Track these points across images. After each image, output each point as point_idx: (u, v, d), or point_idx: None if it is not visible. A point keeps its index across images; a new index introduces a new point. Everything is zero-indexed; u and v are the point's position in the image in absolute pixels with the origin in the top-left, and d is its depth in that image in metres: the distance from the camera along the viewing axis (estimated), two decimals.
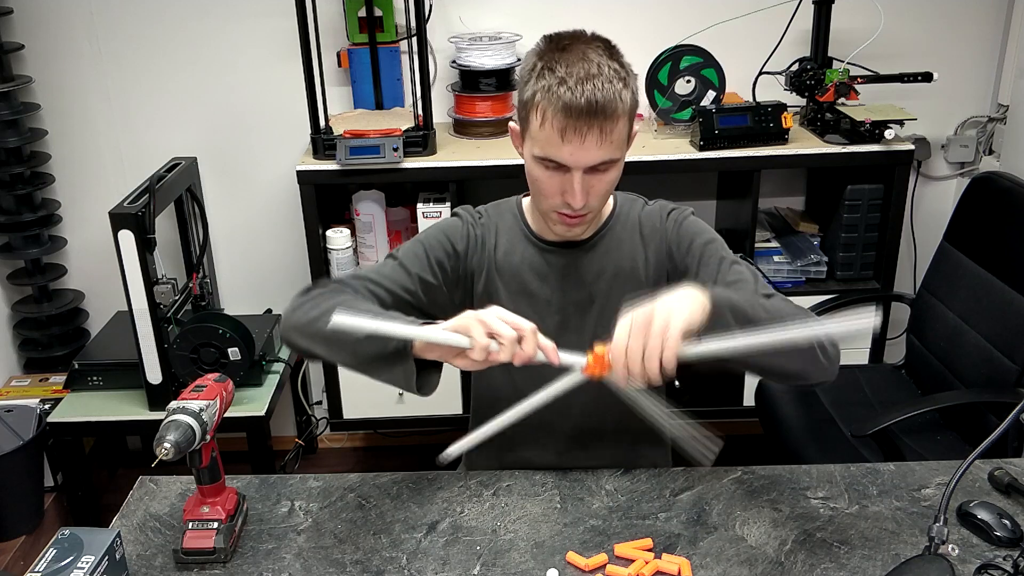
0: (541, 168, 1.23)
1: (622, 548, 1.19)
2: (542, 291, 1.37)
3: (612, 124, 1.18)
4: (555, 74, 1.18)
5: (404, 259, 1.35)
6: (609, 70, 1.18)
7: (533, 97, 1.20)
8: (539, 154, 1.22)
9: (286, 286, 2.77)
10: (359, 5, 2.42)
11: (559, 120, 1.17)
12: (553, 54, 1.20)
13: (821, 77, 2.35)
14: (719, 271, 1.30)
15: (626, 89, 1.19)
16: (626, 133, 1.22)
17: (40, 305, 2.65)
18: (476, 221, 1.41)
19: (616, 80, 1.18)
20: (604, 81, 1.16)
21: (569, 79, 1.16)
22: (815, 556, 1.17)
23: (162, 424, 1.11)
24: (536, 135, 1.21)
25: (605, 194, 1.26)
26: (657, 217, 1.38)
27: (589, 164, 1.20)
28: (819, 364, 1.20)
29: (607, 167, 1.22)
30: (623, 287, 1.36)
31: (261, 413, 2.30)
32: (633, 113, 1.24)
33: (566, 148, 1.18)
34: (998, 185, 2.06)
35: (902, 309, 2.40)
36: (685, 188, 2.68)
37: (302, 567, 1.18)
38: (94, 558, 1.07)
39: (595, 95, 1.15)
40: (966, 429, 2.03)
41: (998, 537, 1.17)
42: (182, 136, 2.61)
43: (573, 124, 1.16)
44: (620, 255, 1.37)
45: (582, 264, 1.37)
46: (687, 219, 1.37)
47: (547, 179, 1.24)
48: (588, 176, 1.21)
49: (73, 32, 2.52)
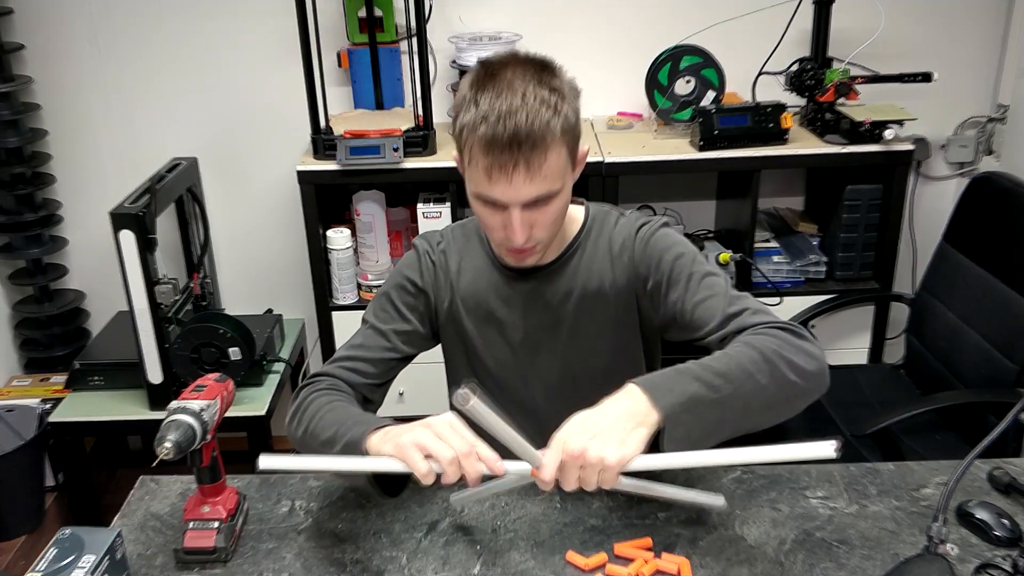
0: (480, 205, 1.20)
1: (622, 547, 1.19)
2: (508, 317, 1.36)
3: (540, 157, 1.12)
4: (479, 109, 1.12)
5: (375, 321, 1.36)
6: (535, 100, 1.11)
7: (461, 133, 1.17)
8: (474, 191, 1.19)
9: (286, 286, 2.78)
10: (359, 5, 2.43)
11: (484, 159, 1.13)
12: (481, 83, 1.15)
13: (821, 77, 2.35)
14: (688, 288, 1.25)
15: (556, 116, 1.12)
16: (563, 162, 1.16)
17: (41, 305, 2.65)
18: (434, 248, 1.39)
19: (544, 109, 1.11)
20: (527, 112, 1.10)
21: (491, 115, 1.11)
22: (814, 556, 1.17)
23: (163, 424, 1.11)
24: (469, 173, 1.19)
25: (551, 224, 1.22)
26: (627, 233, 1.33)
27: (523, 201, 1.15)
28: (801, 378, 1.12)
29: (546, 200, 1.17)
30: (591, 309, 1.34)
31: (262, 413, 2.31)
32: (571, 138, 1.18)
33: (496, 188, 1.14)
34: (998, 185, 2.06)
35: (901, 309, 2.40)
36: (685, 188, 2.69)
37: (302, 567, 1.18)
38: (95, 558, 1.07)
39: (517, 129, 1.10)
40: (965, 429, 2.04)
41: (997, 537, 1.17)
42: (183, 136, 2.61)
43: (497, 162, 1.12)
44: (588, 275, 1.34)
45: (548, 288, 1.34)
46: (656, 234, 1.31)
47: (488, 216, 1.21)
48: (528, 212, 1.17)
49: (73, 32, 2.52)
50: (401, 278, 1.38)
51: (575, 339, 1.35)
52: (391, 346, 1.35)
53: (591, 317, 1.34)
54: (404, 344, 1.36)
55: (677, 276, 1.27)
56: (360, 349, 1.34)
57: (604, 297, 1.33)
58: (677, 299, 1.26)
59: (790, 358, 1.11)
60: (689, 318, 1.24)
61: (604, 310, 1.34)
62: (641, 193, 2.61)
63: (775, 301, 2.40)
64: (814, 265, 2.46)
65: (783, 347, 1.12)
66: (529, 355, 1.36)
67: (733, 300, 1.22)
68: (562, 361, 1.36)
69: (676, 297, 1.26)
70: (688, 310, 1.24)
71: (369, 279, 2.47)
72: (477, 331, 1.37)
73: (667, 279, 1.28)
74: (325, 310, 2.45)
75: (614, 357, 1.37)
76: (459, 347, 1.41)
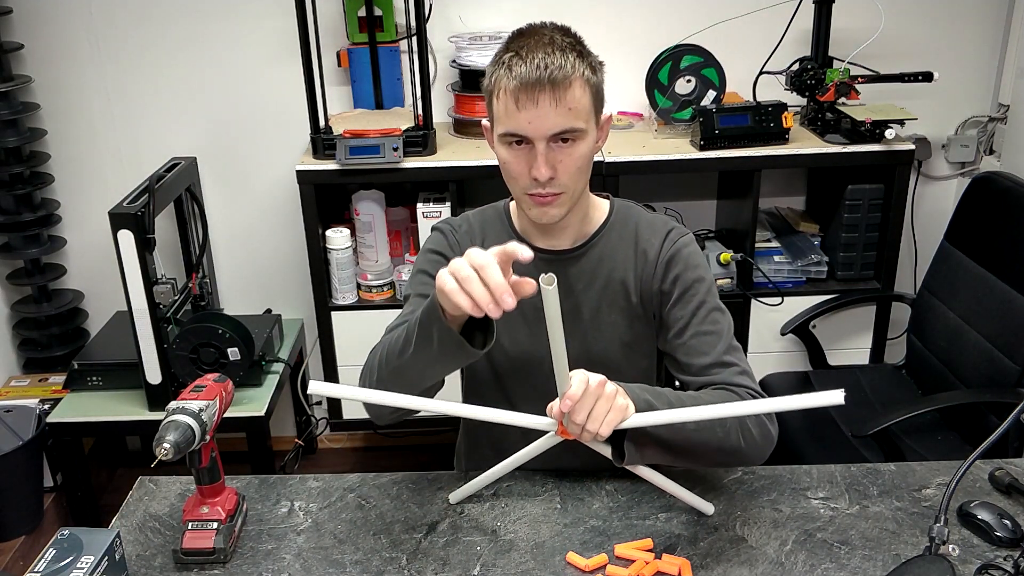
0: (506, 148, 1.25)
1: (622, 548, 1.19)
2: (529, 299, 1.36)
3: (565, 88, 1.18)
4: (509, 51, 1.22)
5: (420, 290, 1.35)
6: (563, 42, 1.20)
7: (492, 79, 1.24)
8: (501, 131, 1.24)
9: (286, 286, 2.77)
10: (359, 5, 2.42)
11: (513, 90, 1.19)
12: (511, 41, 1.25)
13: (822, 77, 2.35)
14: (695, 315, 1.31)
15: (581, 60, 1.21)
16: (588, 105, 1.22)
17: (39, 305, 2.65)
18: (457, 230, 1.41)
19: (570, 51, 1.20)
20: (557, 50, 1.19)
21: (522, 51, 1.20)
22: (815, 556, 1.17)
23: (161, 424, 1.11)
24: (498, 114, 1.24)
25: (576, 172, 1.25)
26: (654, 232, 1.37)
27: (549, 132, 1.20)
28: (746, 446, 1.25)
29: (571, 139, 1.22)
30: (613, 298, 1.36)
31: (261, 413, 2.30)
32: (595, 90, 1.24)
33: (523, 116, 1.20)
34: (999, 185, 2.06)
35: (903, 309, 2.40)
36: (685, 188, 2.68)
37: (302, 567, 1.18)
38: (93, 558, 1.07)
39: (546, 61, 1.18)
40: (967, 429, 2.03)
41: (999, 537, 1.17)
42: (182, 136, 2.61)
43: (527, 92, 1.18)
44: (612, 265, 1.36)
45: (571, 273, 1.36)
46: (687, 247, 1.36)
47: (513, 159, 1.25)
48: (553, 149, 1.22)
49: (73, 32, 2.52)
50: (433, 254, 1.39)
51: (595, 326, 1.37)
52: None
53: (612, 306, 1.36)
54: None
55: (689, 297, 1.32)
56: (410, 315, 1.31)
57: (626, 288, 1.36)
58: (680, 318, 1.32)
59: (750, 429, 1.24)
60: (684, 341, 1.31)
61: (625, 300, 1.36)
62: (641, 193, 2.60)
63: (776, 301, 2.40)
64: (815, 265, 2.46)
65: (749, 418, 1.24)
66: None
67: (730, 348, 1.31)
68: (580, 347, 1.36)
69: (679, 316, 1.32)
70: (687, 334, 1.31)
71: (369, 279, 2.47)
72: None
73: (678, 295, 1.33)
74: (324, 310, 2.45)
75: (630, 347, 1.38)
76: None
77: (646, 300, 1.36)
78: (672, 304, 1.33)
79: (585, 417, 1.09)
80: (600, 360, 1.37)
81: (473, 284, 1.02)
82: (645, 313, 1.37)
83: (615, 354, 1.37)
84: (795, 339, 2.40)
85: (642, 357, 1.40)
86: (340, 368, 2.50)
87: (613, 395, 1.10)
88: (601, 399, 1.09)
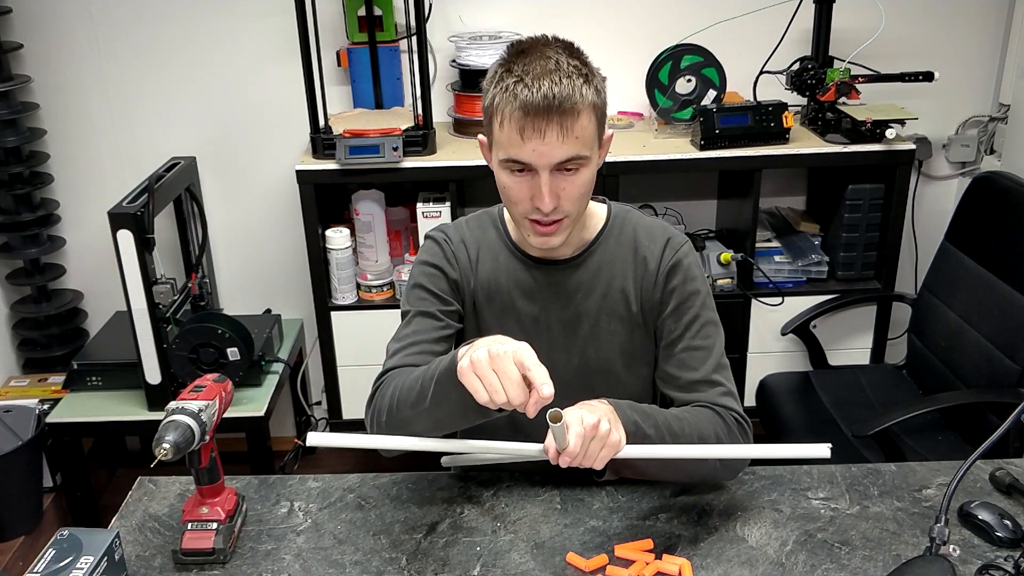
0: (508, 174, 1.21)
1: (622, 549, 1.18)
2: (527, 308, 1.36)
3: (573, 119, 1.15)
4: (512, 75, 1.16)
5: (420, 307, 1.34)
6: (568, 66, 1.16)
7: (493, 101, 1.19)
8: (503, 157, 1.20)
9: (285, 286, 2.77)
10: (359, 4, 2.42)
11: (518, 118, 1.15)
12: (513, 57, 1.19)
13: (822, 76, 2.34)
14: (689, 328, 1.31)
15: (587, 86, 1.16)
16: (592, 131, 1.19)
17: (39, 305, 2.64)
18: (451, 237, 1.39)
19: (576, 76, 1.15)
20: (562, 76, 1.14)
21: (526, 77, 1.15)
22: (816, 557, 1.17)
23: (161, 424, 1.11)
24: (499, 139, 1.20)
25: (579, 199, 1.22)
26: (653, 239, 1.35)
27: (554, 162, 1.17)
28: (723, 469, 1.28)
29: (575, 167, 1.19)
30: (612, 306, 1.35)
31: (260, 413, 2.30)
32: (600, 113, 1.21)
33: (528, 146, 1.16)
34: (999, 185, 2.06)
35: (903, 309, 2.40)
36: (685, 188, 2.68)
37: (301, 568, 1.18)
38: (93, 559, 1.07)
39: (552, 90, 1.13)
40: (967, 429, 2.03)
41: (999, 538, 1.17)
42: (181, 136, 2.61)
43: (532, 121, 1.14)
44: (612, 273, 1.35)
45: (569, 281, 1.34)
46: (686, 257, 1.34)
47: (515, 185, 1.21)
48: (556, 177, 1.19)
49: (73, 32, 2.51)
50: (428, 267, 1.37)
51: (594, 335, 1.36)
52: (444, 323, 1.33)
53: (612, 315, 1.35)
54: (454, 321, 1.35)
55: (685, 309, 1.32)
56: (414, 335, 1.31)
57: (626, 296, 1.34)
58: (673, 330, 1.32)
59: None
60: (674, 353, 1.32)
61: (625, 309, 1.35)
62: (642, 193, 2.61)
63: (776, 301, 2.39)
64: (816, 265, 2.46)
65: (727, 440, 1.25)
66: (545, 348, 1.34)
67: (719, 367, 1.31)
68: (580, 356, 1.36)
69: (673, 328, 1.32)
70: (678, 346, 1.32)
71: (368, 279, 2.46)
72: (495, 320, 1.36)
73: (675, 306, 1.32)
74: (324, 310, 2.45)
75: (631, 356, 1.37)
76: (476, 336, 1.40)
77: (647, 309, 1.35)
78: (667, 314, 1.32)
79: (581, 459, 1.08)
80: (600, 369, 1.36)
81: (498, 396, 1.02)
82: (645, 322, 1.35)
83: (615, 363, 1.36)
84: (795, 339, 2.40)
85: (642, 365, 1.39)
86: (340, 368, 2.50)
87: (607, 435, 1.08)
88: (595, 440, 1.08)
